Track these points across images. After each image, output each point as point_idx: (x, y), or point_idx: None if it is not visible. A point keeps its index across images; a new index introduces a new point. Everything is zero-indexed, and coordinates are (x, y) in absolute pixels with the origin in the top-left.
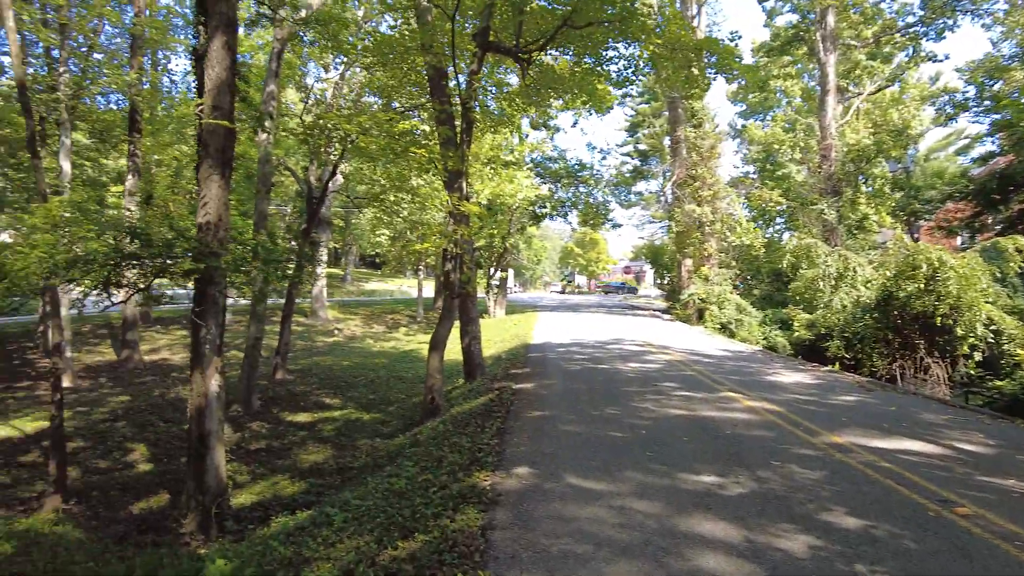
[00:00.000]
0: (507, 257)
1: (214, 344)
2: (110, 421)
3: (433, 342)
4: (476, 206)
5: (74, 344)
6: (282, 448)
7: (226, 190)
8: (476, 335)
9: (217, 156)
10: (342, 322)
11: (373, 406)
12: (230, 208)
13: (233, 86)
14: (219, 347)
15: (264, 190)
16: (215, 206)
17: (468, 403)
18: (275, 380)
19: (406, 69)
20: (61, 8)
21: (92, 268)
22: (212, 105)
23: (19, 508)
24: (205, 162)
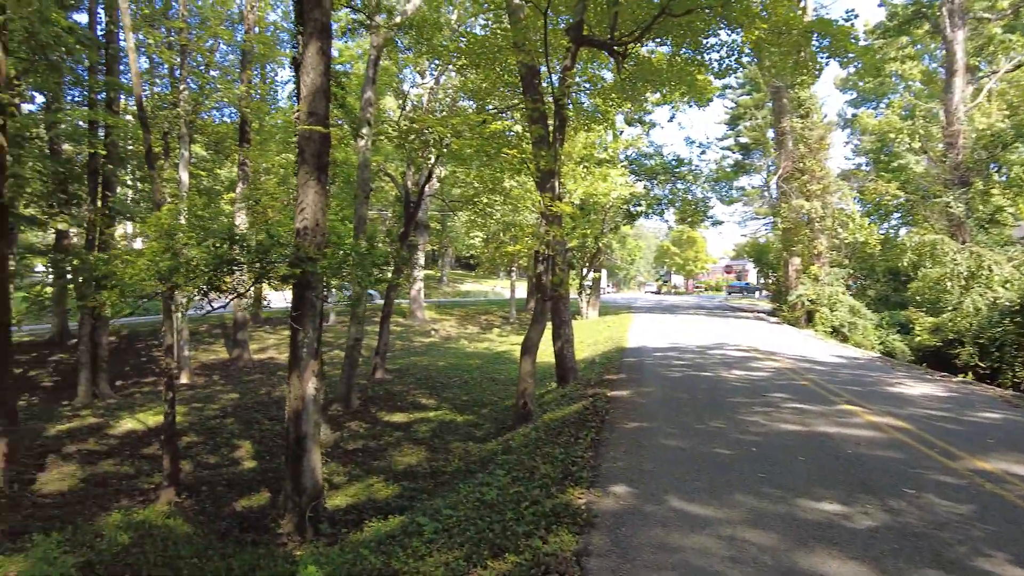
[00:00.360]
0: (600, 257)
1: (311, 347)
2: (220, 418)
3: (525, 345)
4: (568, 206)
5: (192, 343)
6: (378, 449)
7: (322, 195)
8: (568, 338)
9: (313, 162)
10: (438, 323)
11: (467, 408)
12: (335, 214)
13: (328, 92)
14: (316, 350)
15: (363, 196)
16: (312, 211)
17: (561, 410)
18: (374, 379)
19: (499, 70)
20: (182, 31)
21: (194, 274)
22: (308, 111)
23: (139, 499)
24: (302, 168)
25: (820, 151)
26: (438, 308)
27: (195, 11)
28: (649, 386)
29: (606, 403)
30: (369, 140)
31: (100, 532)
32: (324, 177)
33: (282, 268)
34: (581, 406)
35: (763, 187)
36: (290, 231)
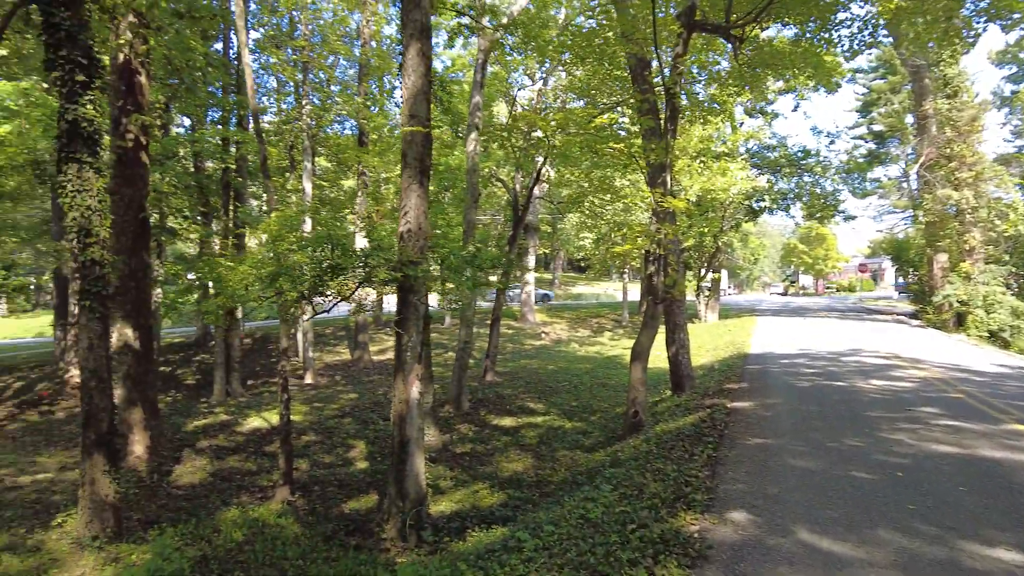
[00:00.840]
0: (719, 257)
1: (415, 351)
2: (338, 417)
3: (635, 351)
4: (682, 202)
5: (317, 345)
6: (485, 453)
7: (424, 199)
8: (684, 343)
9: (415, 165)
10: (548, 326)
11: (575, 414)
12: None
13: (429, 94)
14: (420, 354)
15: (472, 200)
16: (414, 215)
17: (675, 421)
18: (485, 382)
19: (607, 65)
20: (303, 49)
21: (298, 279)
22: (409, 114)
23: (257, 495)
24: (405, 172)
25: (972, 134)
26: (549, 311)
27: (316, 31)
28: (774, 397)
29: (725, 415)
30: (478, 145)
31: (218, 528)
32: (426, 180)
33: (382, 272)
34: (697, 418)
35: (901, 178)
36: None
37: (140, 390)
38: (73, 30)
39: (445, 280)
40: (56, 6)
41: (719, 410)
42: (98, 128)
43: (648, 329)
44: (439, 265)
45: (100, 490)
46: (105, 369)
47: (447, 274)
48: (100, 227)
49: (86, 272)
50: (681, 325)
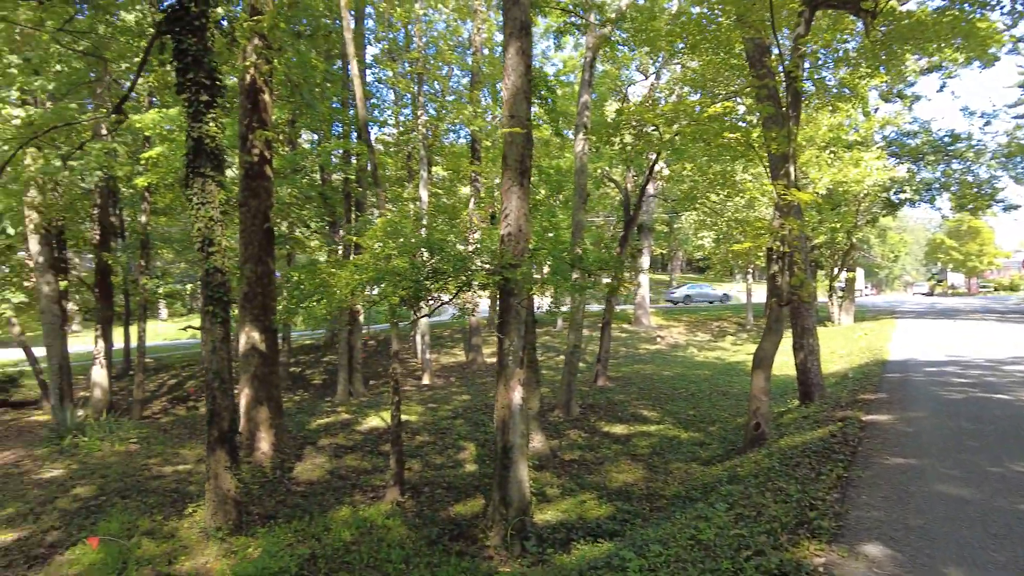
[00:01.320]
0: (854, 255)
1: (516, 356)
2: (451, 418)
3: (757, 358)
4: (809, 194)
5: (435, 347)
6: (595, 462)
7: (525, 201)
8: (813, 348)
9: (515, 166)
10: (665, 329)
11: (692, 424)
12: (548, 221)
13: (529, 93)
14: (522, 359)
15: (580, 201)
16: (515, 217)
17: (801, 435)
18: (596, 387)
19: (722, 54)
20: (417, 61)
21: (398, 283)
22: (509, 114)
23: (369, 495)
24: (505, 173)
25: None
26: (666, 314)
27: (430, 43)
28: (918, 410)
29: (859, 429)
30: (586, 145)
31: (328, 526)
32: (527, 182)
33: (480, 275)
34: (827, 432)
35: None
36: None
37: (266, 390)
38: (199, 54)
39: (546, 283)
40: (184, 34)
41: (852, 423)
42: (220, 144)
43: (772, 334)
44: (544, 267)
45: (222, 485)
46: (227, 371)
47: (549, 277)
48: (221, 237)
49: (209, 279)
50: (810, 329)
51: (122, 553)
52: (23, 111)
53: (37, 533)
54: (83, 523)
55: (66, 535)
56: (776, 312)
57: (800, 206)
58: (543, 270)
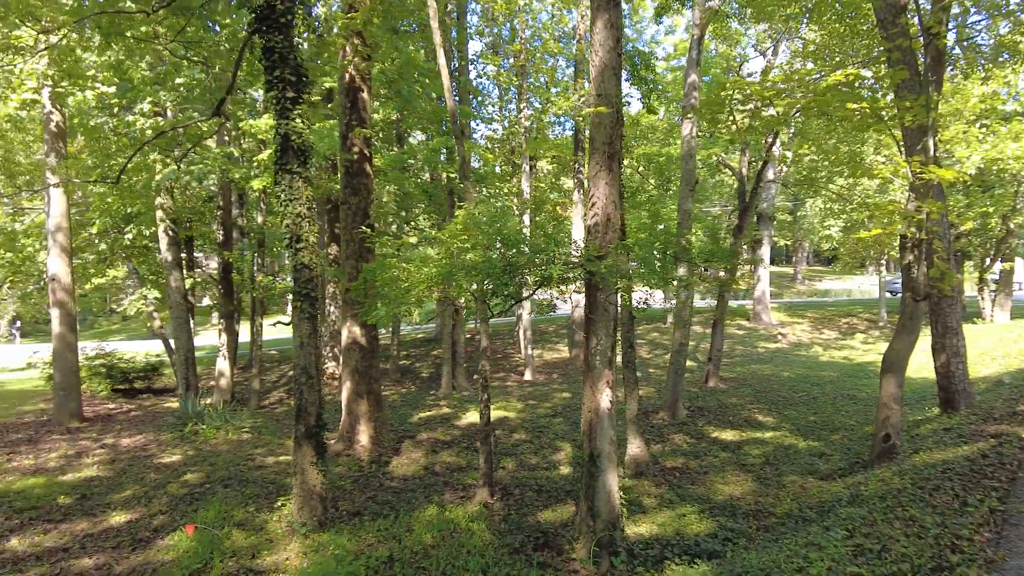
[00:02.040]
0: (1011, 243)
1: (604, 356)
2: (550, 416)
3: (888, 360)
4: (951, 172)
5: (539, 342)
6: (699, 471)
7: (615, 186)
8: (958, 350)
9: (604, 149)
10: (787, 326)
11: (812, 431)
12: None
13: (618, 69)
14: (611, 359)
15: (687, 188)
16: (603, 204)
17: (941, 451)
18: (706, 388)
19: (847, 21)
20: (519, 53)
21: (472, 278)
22: (596, 93)
23: (460, 494)
24: (593, 158)
25: None
26: (789, 309)
27: (535, 35)
28: None
29: (1019, 450)
30: (694, 128)
31: (412, 527)
32: (617, 166)
33: (555, 269)
34: (975, 450)
35: None
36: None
37: (366, 383)
38: (285, 52)
39: (635, 278)
40: (271, 32)
41: (1010, 441)
42: (307, 141)
43: (905, 333)
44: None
45: (309, 480)
46: (314, 366)
47: (637, 271)
48: (309, 232)
49: (297, 275)
50: (954, 328)
51: (212, 543)
52: (152, 121)
53: (146, 516)
54: (186, 509)
55: (170, 520)
56: (911, 308)
57: (942, 186)
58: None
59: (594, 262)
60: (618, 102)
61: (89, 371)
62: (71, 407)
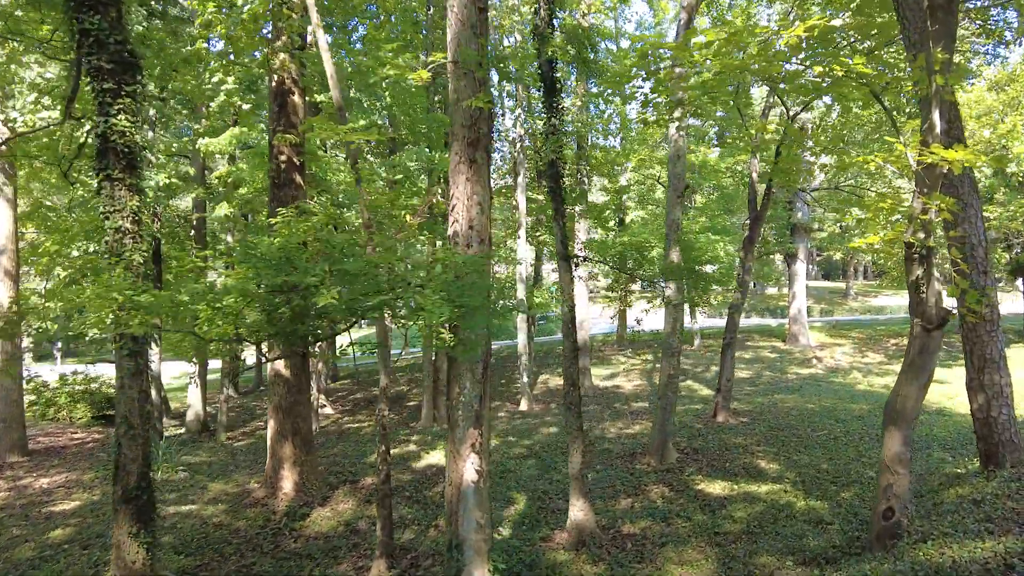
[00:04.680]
0: None
1: (470, 409)
2: (522, 458)
3: (891, 410)
4: (964, 152)
5: (548, 366)
6: (658, 540)
7: (480, 184)
8: (1001, 389)
9: (463, 134)
10: (826, 348)
11: (819, 485)
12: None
13: (479, 28)
14: (478, 415)
15: (675, 195)
16: (463, 207)
17: (957, 542)
18: (713, 424)
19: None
20: None
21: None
22: (452, 59)
23: (358, 563)
24: (452, 147)
25: None
26: (832, 329)
27: None
28: None
29: None
30: (684, 125)
31: None
32: (483, 156)
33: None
34: (1000, 549)
35: None
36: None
37: (291, 422)
38: (102, 35)
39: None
40: (85, 11)
41: None
42: (133, 141)
43: (915, 373)
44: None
45: (126, 557)
46: (138, 413)
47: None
48: (134, 251)
49: None
50: (995, 360)
51: None
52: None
53: None
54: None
55: None
56: (922, 340)
57: (971, 178)
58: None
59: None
60: (482, 71)
61: (68, 397)
62: (12, 439)
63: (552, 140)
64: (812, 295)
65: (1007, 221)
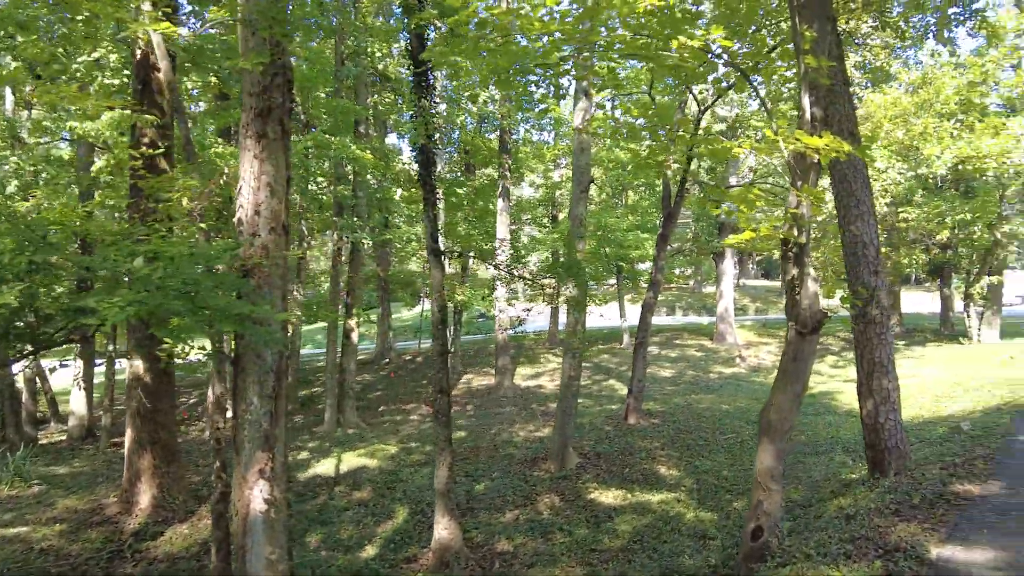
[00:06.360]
0: (999, 253)
1: (257, 429)
2: (418, 466)
3: (764, 421)
4: (830, 138)
5: (476, 365)
6: (530, 559)
7: (272, 161)
8: (888, 395)
9: (252, 105)
10: (753, 347)
11: (715, 493)
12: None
13: None
14: (267, 434)
15: (579, 190)
16: (249, 189)
17: (814, 568)
18: (624, 425)
19: None
20: None
21: None
22: (242, 16)
23: None
24: (243, 119)
25: None
26: (762, 328)
27: None
28: None
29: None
30: (587, 115)
31: None
32: (277, 131)
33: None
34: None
35: None
36: None
37: (151, 430)
38: None
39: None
40: None
41: (905, 561)
42: None
43: (788, 381)
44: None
45: None
46: None
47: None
48: None
49: None
50: (883, 364)
51: None
52: None
53: None
54: None
55: None
56: (795, 345)
57: (864, 171)
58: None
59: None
60: (275, 30)
61: None
62: None
63: (420, 123)
64: (749, 293)
65: (924, 223)
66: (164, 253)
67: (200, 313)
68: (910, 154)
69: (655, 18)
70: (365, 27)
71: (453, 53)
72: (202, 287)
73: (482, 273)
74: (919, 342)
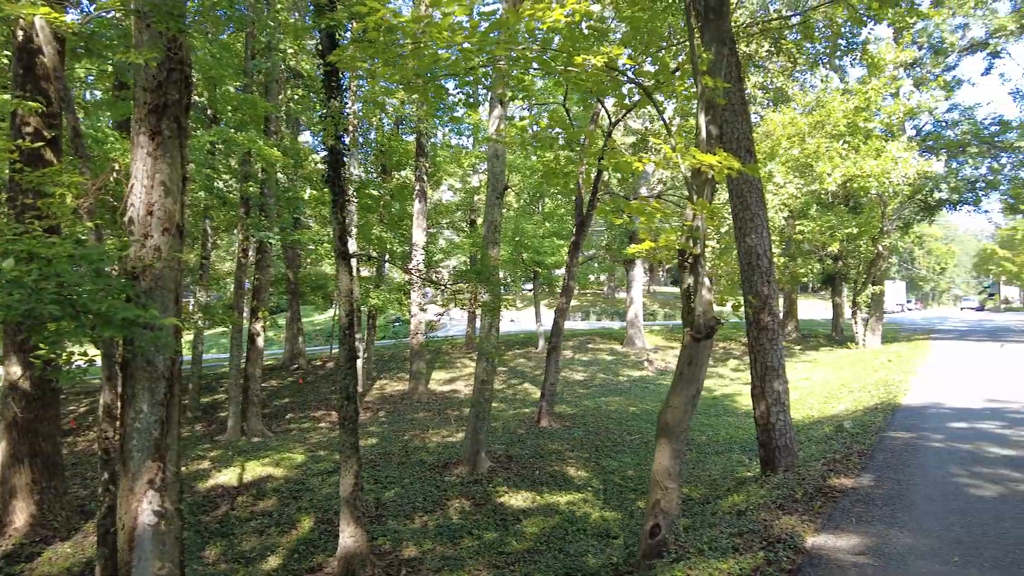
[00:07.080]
0: (881, 265)
1: (147, 438)
2: (326, 474)
3: (662, 423)
4: (724, 155)
5: (390, 370)
6: (437, 565)
7: (165, 162)
8: (779, 396)
9: (144, 98)
10: (660, 351)
11: (620, 492)
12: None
13: None
14: (159, 443)
15: (495, 196)
16: (142, 188)
17: (705, 563)
18: (536, 428)
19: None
20: None
21: None
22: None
23: None
24: (134, 114)
25: None
26: (670, 332)
27: None
28: (916, 517)
29: (790, 571)
30: (501, 123)
31: None
32: (172, 128)
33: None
34: (738, 569)
35: None
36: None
37: (30, 442)
38: None
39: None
40: None
41: (784, 551)
42: None
43: (684, 385)
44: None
45: None
46: None
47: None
48: None
49: None
50: (775, 368)
51: None
52: None
53: None
54: None
55: None
56: (691, 350)
57: (759, 187)
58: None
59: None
60: (171, 24)
61: None
62: None
63: (329, 123)
64: (659, 299)
65: (817, 235)
66: (40, 253)
67: (81, 318)
68: (805, 171)
69: (559, 35)
70: (278, 23)
71: (362, 59)
72: (83, 290)
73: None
74: (813, 347)
